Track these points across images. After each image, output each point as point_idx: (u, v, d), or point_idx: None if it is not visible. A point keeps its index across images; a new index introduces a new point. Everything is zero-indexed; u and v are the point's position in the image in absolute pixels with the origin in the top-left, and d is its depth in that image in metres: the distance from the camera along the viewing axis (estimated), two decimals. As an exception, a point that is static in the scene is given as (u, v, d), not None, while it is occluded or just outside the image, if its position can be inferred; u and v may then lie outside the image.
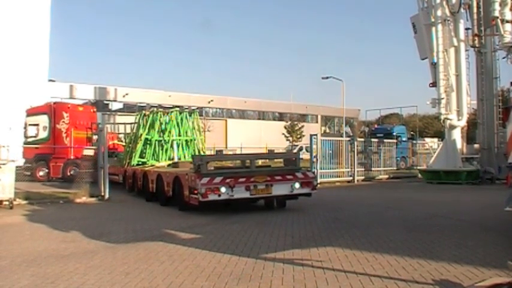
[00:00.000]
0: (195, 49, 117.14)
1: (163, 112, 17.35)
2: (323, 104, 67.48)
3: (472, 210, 11.68)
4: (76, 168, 20.25)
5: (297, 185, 11.17)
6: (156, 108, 19.71)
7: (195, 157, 12.08)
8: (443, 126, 20.40)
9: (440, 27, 19.19)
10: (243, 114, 64.75)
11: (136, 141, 16.97)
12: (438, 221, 9.92)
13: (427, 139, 42.00)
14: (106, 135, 15.99)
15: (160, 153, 16.36)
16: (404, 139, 31.76)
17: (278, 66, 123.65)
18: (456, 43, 19.41)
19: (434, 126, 54.79)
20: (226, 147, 48.80)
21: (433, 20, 19.43)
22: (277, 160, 16.52)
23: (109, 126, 28.15)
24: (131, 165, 16.57)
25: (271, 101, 64.84)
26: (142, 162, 16.42)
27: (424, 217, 10.48)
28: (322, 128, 67.71)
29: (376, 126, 38.17)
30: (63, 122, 22.59)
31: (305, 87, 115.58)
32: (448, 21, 19.27)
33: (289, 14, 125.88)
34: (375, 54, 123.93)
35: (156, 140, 16.51)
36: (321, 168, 19.66)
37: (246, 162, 12.26)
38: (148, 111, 17.96)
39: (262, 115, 65.94)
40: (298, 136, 52.46)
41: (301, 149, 38.13)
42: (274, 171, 12.05)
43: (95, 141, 20.55)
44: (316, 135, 20.77)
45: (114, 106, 52.95)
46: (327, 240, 7.81)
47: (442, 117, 19.61)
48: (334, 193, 16.55)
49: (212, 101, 58.22)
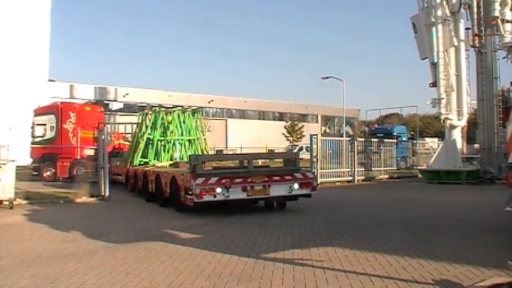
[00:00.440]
0: (195, 49, 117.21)
1: (165, 111, 17.20)
2: (323, 104, 67.54)
3: (472, 210, 11.67)
4: (82, 168, 20.39)
5: (296, 186, 10.86)
6: (158, 107, 19.61)
7: (192, 157, 11.80)
8: (444, 126, 20.41)
9: (440, 27, 19.20)
10: (243, 114, 64.77)
11: (139, 141, 16.94)
12: (438, 221, 9.91)
13: (427, 139, 41.92)
14: (110, 135, 15.98)
15: (163, 153, 16.23)
16: (404, 139, 31.83)
17: (278, 66, 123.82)
18: (456, 43, 19.42)
19: (435, 126, 54.77)
20: (227, 147, 48.84)
21: (433, 19, 19.44)
22: (277, 160, 16.44)
23: (109, 126, 28.20)
24: (133, 165, 16.49)
25: (272, 101, 64.79)
26: (144, 162, 16.28)
27: (424, 217, 10.47)
28: (322, 128, 67.69)
29: (376, 126, 38.21)
30: (70, 121, 22.69)
31: (305, 87, 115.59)
32: (448, 21, 19.28)
33: (289, 14, 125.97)
34: (375, 54, 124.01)
35: (158, 139, 16.39)
36: (321, 168, 19.65)
37: (244, 162, 11.95)
38: (151, 110, 17.83)
39: (262, 115, 65.95)
40: (298, 136, 52.40)
41: (301, 149, 38.22)
42: (272, 171, 11.65)
43: None
44: (316, 135, 20.73)
45: (115, 106, 52.93)
46: (327, 240, 7.81)
47: (442, 117, 19.63)
48: (334, 193, 16.54)
49: (212, 101, 58.20)
